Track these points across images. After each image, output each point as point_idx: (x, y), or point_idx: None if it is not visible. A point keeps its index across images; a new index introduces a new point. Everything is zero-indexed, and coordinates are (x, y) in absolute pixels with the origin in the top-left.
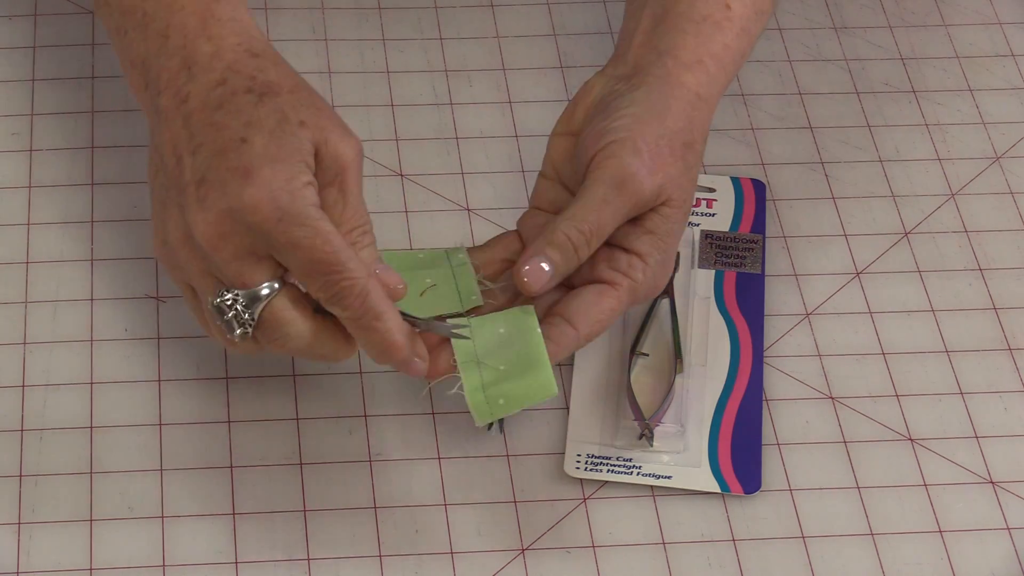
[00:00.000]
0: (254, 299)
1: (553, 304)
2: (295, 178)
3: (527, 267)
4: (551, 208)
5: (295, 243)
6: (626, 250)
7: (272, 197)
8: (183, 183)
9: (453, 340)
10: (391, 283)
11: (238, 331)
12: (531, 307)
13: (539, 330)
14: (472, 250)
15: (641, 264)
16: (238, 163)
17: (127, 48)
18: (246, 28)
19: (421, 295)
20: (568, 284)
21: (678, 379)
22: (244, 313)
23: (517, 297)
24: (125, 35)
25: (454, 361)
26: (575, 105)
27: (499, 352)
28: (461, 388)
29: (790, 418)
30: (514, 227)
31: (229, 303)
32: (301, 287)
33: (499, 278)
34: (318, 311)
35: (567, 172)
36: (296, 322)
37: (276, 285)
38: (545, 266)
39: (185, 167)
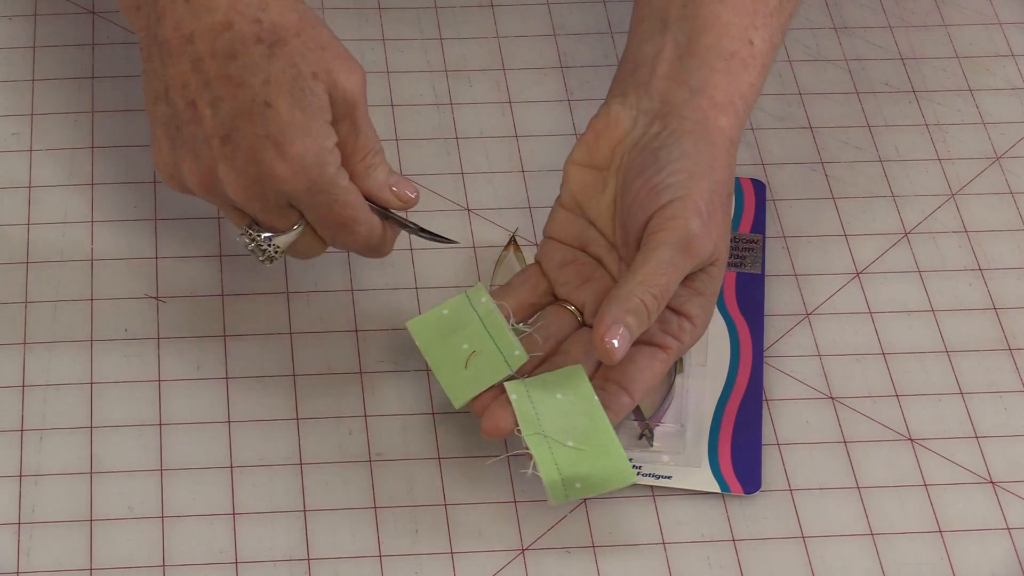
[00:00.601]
0: (282, 237)
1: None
2: (323, 149)
3: (610, 337)
4: (572, 242)
5: (318, 205)
6: (676, 312)
7: (304, 170)
8: (204, 134)
9: (517, 410)
10: (404, 192)
11: (262, 258)
12: (580, 367)
13: (598, 400)
14: (498, 292)
15: (690, 327)
16: (266, 131)
17: None
18: None
19: (466, 367)
20: None
21: (678, 379)
22: (272, 249)
23: (558, 343)
24: None
25: (518, 431)
26: (597, 136)
27: (562, 423)
28: (535, 468)
29: (790, 418)
30: (513, 228)
31: (258, 242)
32: None
33: (529, 320)
34: None
35: (592, 206)
36: (318, 247)
37: (299, 226)
38: (627, 334)
39: (203, 117)
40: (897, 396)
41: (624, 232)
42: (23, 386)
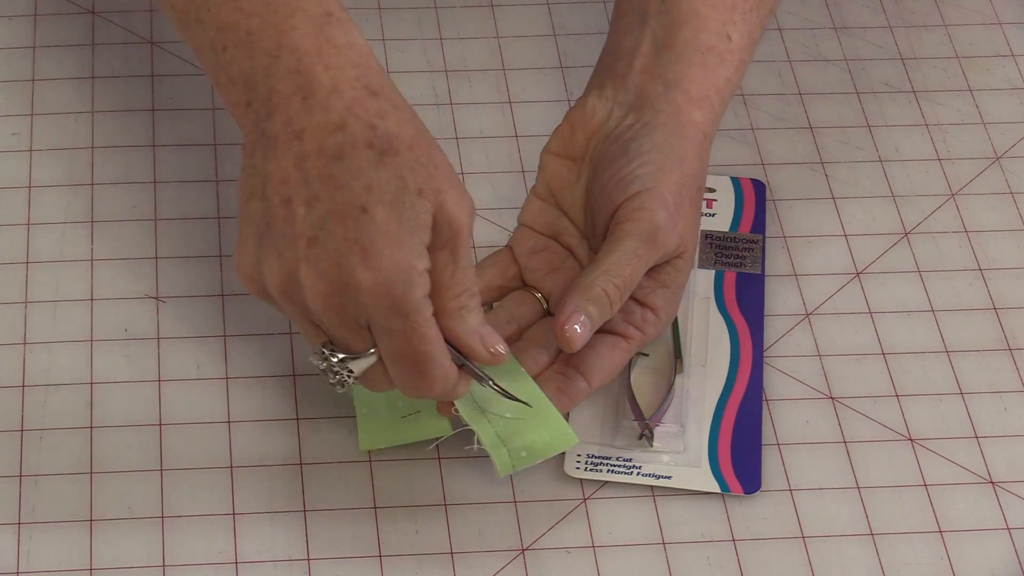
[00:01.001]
0: (356, 362)
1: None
2: (412, 268)
3: (571, 325)
4: (545, 230)
5: (396, 333)
6: (640, 303)
7: (387, 285)
8: (293, 234)
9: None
10: (493, 346)
11: (338, 385)
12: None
13: (524, 371)
14: None
15: (654, 318)
16: (357, 237)
17: (226, 65)
18: (363, 56)
19: (399, 418)
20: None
21: (678, 379)
22: (345, 372)
23: (521, 329)
24: (223, 52)
25: (455, 411)
26: (572, 127)
27: (497, 398)
28: (478, 442)
29: (790, 418)
30: (513, 228)
31: (331, 363)
32: None
33: (494, 305)
34: None
35: (566, 196)
36: (385, 382)
37: (373, 352)
38: (588, 322)
39: (297, 216)
40: (897, 396)
41: (593, 222)
42: (23, 386)
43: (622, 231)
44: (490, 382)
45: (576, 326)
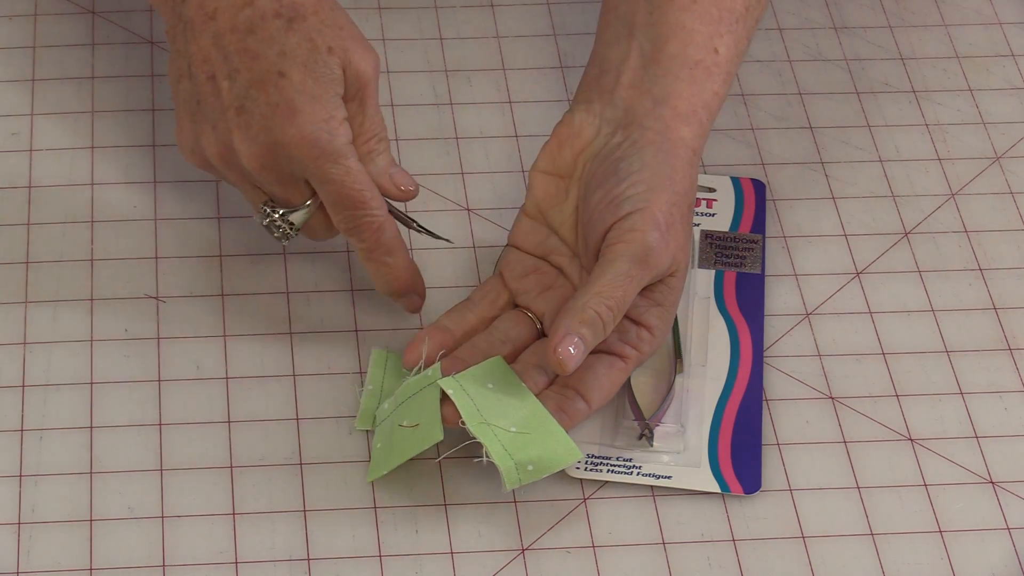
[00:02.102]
0: (295, 213)
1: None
2: (333, 117)
3: (564, 347)
4: (535, 250)
5: (328, 178)
6: (635, 322)
7: (313, 136)
8: (221, 106)
9: (457, 403)
10: (403, 184)
11: (277, 234)
12: (499, 358)
13: (526, 387)
14: (458, 307)
15: (649, 336)
16: (279, 98)
17: None
18: None
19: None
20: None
21: (678, 379)
22: (288, 227)
23: (516, 351)
24: None
25: (462, 423)
26: (560, 144)
27: (500, 411)
28: (487, 455)
29: (790, 418)
30: (514, 226)
31: (273, 218)
32: None
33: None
34: None
35: (555, 214)
36: (331, 228)
37: (310, 203)
38: (581, 344)
39: (222, 90)
40: (897, 396)
41: (585, 242)
42: (23, 386)
43: (614, 253)
44: (411, 221)
45: (570, 348)
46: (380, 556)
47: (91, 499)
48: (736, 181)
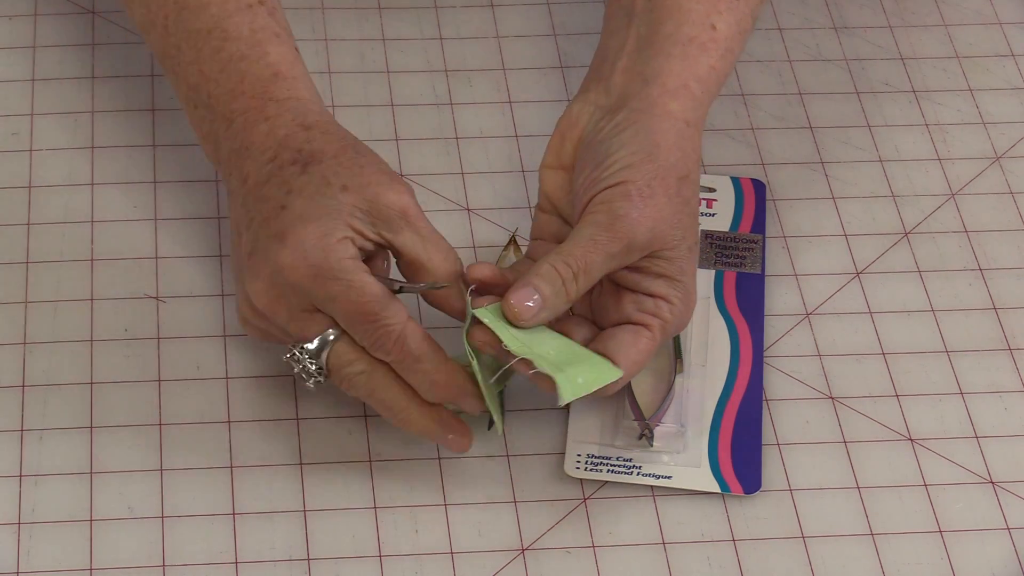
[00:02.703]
0: (319, 349)
1: (587, 343)
2: (327, 235)
3: (517, 297)
4: (554, 240)
5: (332, 297)
6: (649, 295)
7: (304, 256)
8: (241, 256)
9: (495, 329)
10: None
11: (310, 381)
12: None
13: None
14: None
15: (666, 304)
16: (277, 228)
17: (199, 122)
18: (303, 105)
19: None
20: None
21: (678, 379)
22: (311, 364)
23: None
24: (195, 109)
25: (505, 347)
26: (562, 137)
27: (535, 339)
28: (532, 367)
29: (790, 418)
30: (513, 228)
31: (296, 357)
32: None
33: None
34: None
35: (564, 207)
36: (357, 362)
37: (331, 335)
38: (534, 295)
39: (243, 242)
40: (897, 396)
41: (575, 218)
42: (23, 386)
43: (582, 222)
44: (405, 286)
45: (525, 301)
46: (380, 556)
47: (91, 499)
48: (736, 181)
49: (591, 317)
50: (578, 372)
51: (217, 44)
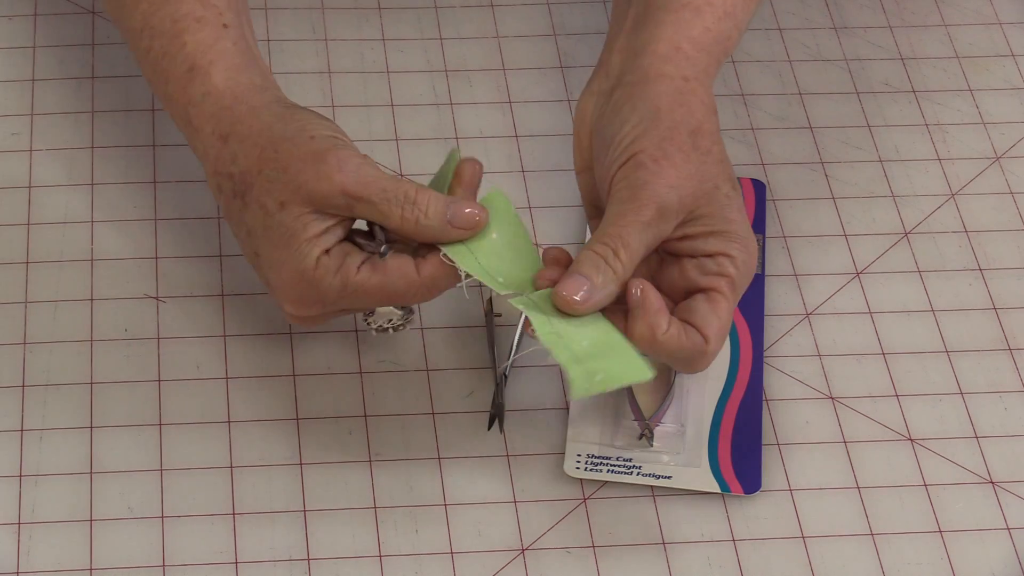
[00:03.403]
0: (375, 315)
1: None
2: (304, 271)
3: (565, 285)
4: None
5: (351, 304)
6: (707, 256)
7: (303, 301)
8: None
9: (529, 315)
10: (468, 219)
11: (381, 331)
12: None
13: (600, 314)
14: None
15: (728, 259)
16: (264, 276)
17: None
18: (217, 100)
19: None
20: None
21: (678, 379)
22: (376, 325)
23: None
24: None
25: (532, 331)
26: (579, 137)
27: (573, 328)
28: (550, 354)
29: (790, 418)
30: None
31: (370, 325)
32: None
33: None
34: None
35: (603, 207)
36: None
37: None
38: (584, 282)
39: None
40: (897, 396)
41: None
42: (23, 386)
43: (608, 205)
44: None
45: (572, 286)
46: (380, 556)
47: (91, 499)
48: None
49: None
50: (601, 368)
51: (147, 44)
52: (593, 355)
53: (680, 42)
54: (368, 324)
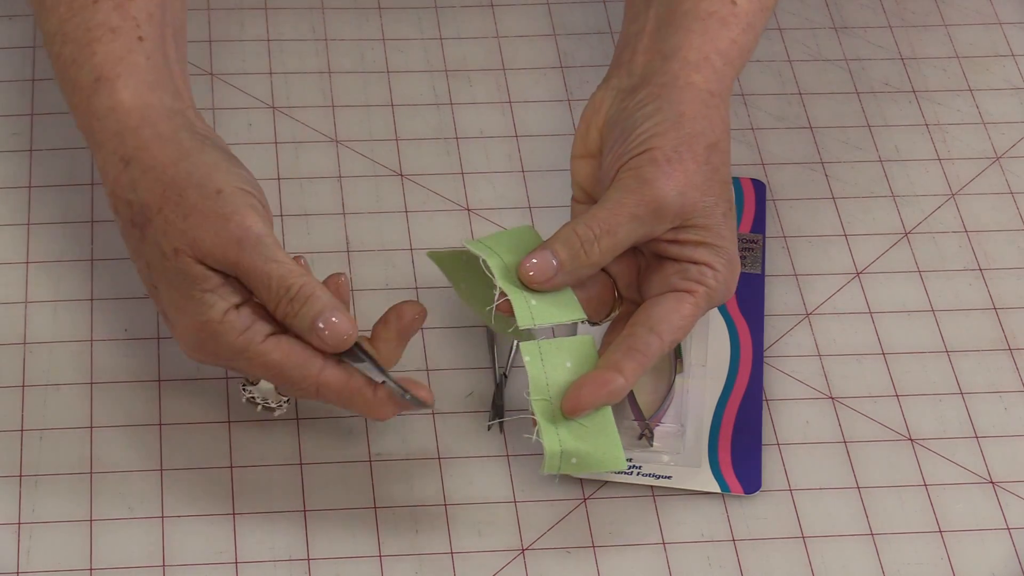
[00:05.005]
0: (258, 386)
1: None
2: (203, 325)
3: (532, 260)
4: None
5: (244, 366)
6: (692, 262)
7: (198, 347)
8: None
9: (529, 372)
10: (338, 331)
11: (259, 409)
12: (591, 338)
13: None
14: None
15: (711, 271)
16: (163, 311)
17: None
18: (120, 117)
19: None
20: (641, 300)
21: (678, 379)
22: (250, 394)
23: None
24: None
25: (527, 394)
26: (587, 125)
27: (559, 365)
28: (539, 435)
29: (790, 418)
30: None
31: (249, 395)
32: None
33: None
34: None
35: (597, 194)
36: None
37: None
38: (552, 260)
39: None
40: (897, 396)
41: None
42: (23, 386)
43: (609, 189)
44: (381, 373)
45: (534, 259)
46: (380, 556)
47: (91, 499)
48: (736, 181)
49: (640, 300)
50: (579, 451)
51: (58, 49)
52: (574, 434)
53: (709, 52)
54: (243, 390)
